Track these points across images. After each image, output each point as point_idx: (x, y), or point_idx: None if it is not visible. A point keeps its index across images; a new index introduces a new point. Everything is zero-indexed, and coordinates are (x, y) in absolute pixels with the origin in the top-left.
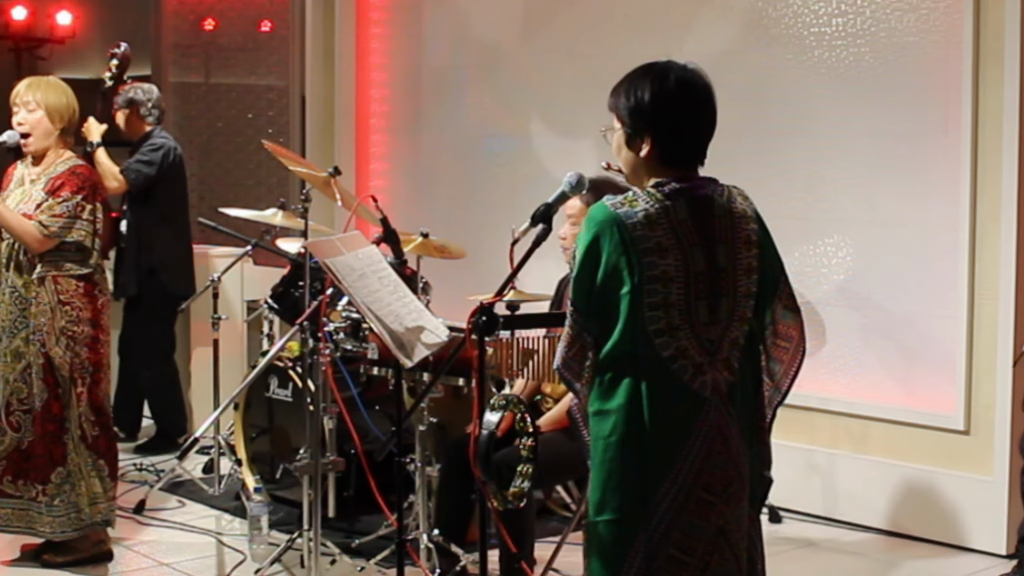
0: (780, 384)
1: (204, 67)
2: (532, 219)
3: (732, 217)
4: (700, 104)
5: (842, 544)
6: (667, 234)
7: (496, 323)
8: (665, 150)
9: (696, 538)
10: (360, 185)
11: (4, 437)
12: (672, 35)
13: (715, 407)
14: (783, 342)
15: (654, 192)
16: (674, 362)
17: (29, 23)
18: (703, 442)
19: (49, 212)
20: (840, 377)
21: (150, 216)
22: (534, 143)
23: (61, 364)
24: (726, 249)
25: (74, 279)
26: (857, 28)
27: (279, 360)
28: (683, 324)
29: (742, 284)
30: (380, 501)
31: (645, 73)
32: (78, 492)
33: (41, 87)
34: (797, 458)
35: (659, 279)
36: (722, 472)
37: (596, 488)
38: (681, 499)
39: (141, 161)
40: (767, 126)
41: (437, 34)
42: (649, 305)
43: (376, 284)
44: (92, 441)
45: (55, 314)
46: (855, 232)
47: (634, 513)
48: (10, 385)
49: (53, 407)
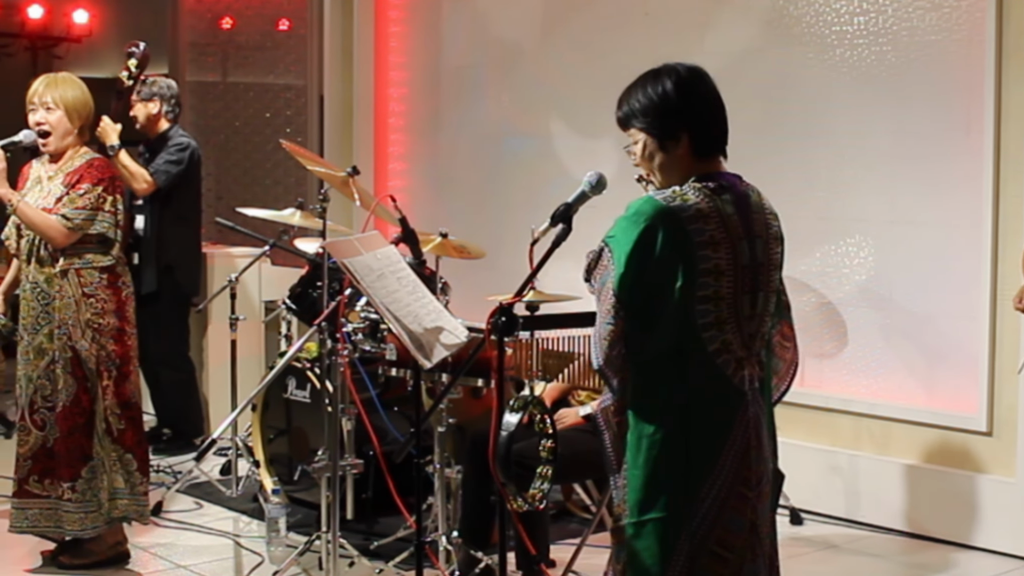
0: (780, 383)
1: (222, 66)
2: (552, 219)
3: (764, 213)
4: (715, 91)
5: (864, 546)
6: (718, 227)
7: (515, 324)
8: (700, 141)
9: (735, 534)
10: (379, 185)
11: (29, 436)
12: (692, 34)
13: (752, 401)
14: (787, 342)
15: (700, 187)
16: (718, 356)
17: (45, 22)
18: (743, 437)
19: (71, 205)
20: (862, 378)
21: (169, 214)
22: (554, 142)
23: (87, 357)
24: (762, 244)
25: (97, 271)
26: (879, 26)
27: (297, 361)
28: (730, 318)
29: (773, 279)
30: (399, 503)
31: (656, 75)
32: (101, 486)
33: (59, 85)
34: (819, 459)
35: (711, 272)
36: (757, 467)
37: (638, 487)
38: (723, 495)
39: (170, 162)
40: (788, 125)
41: (456, 33)
42: (700, 299)
43: (395, 284)
44: (118, 435)
45: (79, 307)
46: (877, 232)
47: (679, 511)
48: (34, 383)
49: (83, 400)
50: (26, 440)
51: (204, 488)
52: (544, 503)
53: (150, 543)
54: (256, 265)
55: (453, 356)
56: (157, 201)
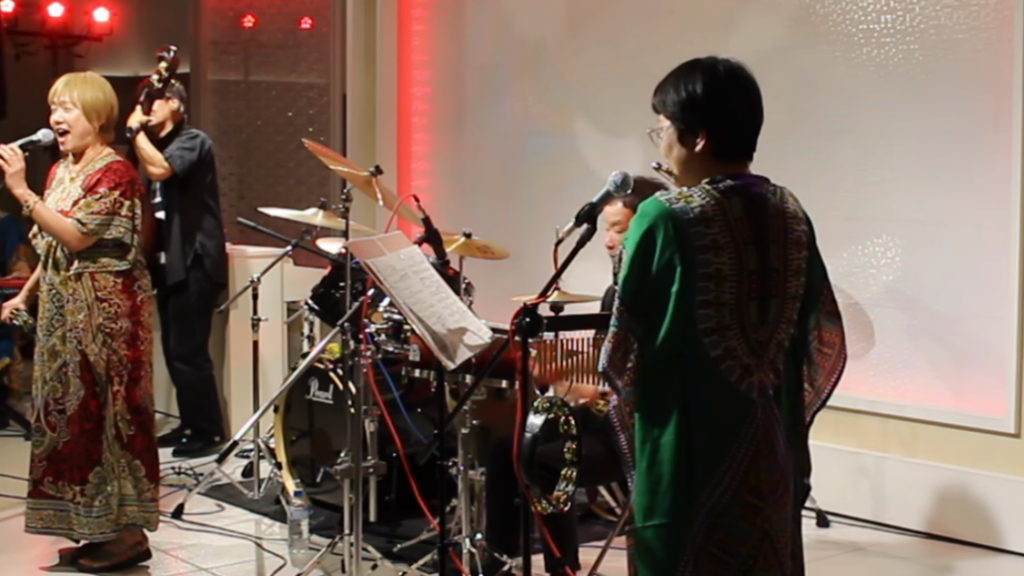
0: (821, 390)
1: (244, 65)
2: (576, 219)
3: (784, 217)
4: (751, 95)
5: (890, 548)
6: (722, 231)
7: (540, 325)
8: (720, 143)
9: (740, 541)
10: (402, 184)
11: (43, 438)
12: (717, 32)
13: (762, 409)
14: (827, 348)
15: (709, 188)
16: (722, 362)
17: (66, 20)
18: (750, 445)
19: (87, 209)
20: (889, 379)
21: (191, 204)
22: (578, 141)
23: (97, 362)
24: (778, 249)
25: (112, 275)
26: (906, 25)
27: (320, 362)
28: (733, 324)
29: (791, 286)
30: (422, 505)
31: (693, 68)
32: (111, 492)
33: (78, 85)
34: (845, 461)
35: (712, 277)
36: (768, 475)
37: (644, 492)
38: (726, 501)
39: (184, 148)
40: (815, 125)
41: (479, 31)
42: (700, 303)
43: (418, 285)
44: (127, 441)
45: (92, 311)
46: (904, 232)
47: (683, 516)
48: (48, 384)
49: (91, 405)
50: (41, 441)
51: (226, 490)
52: (569, 505)
53: (171, 545)
54: (278, 265)
55: (477, 357)
56: (175, 189)
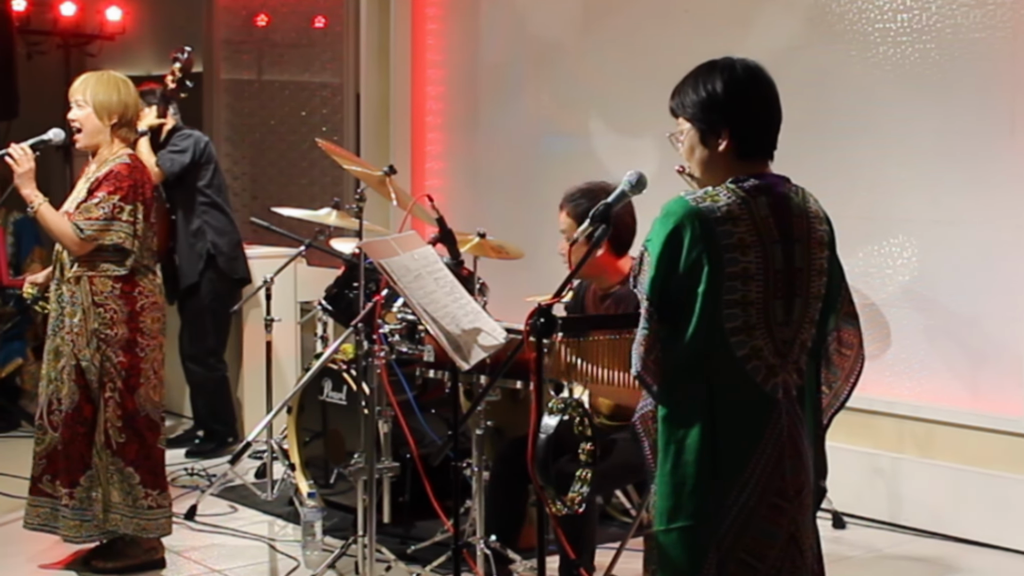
0: (839, 392)
1: (257, 64)
2: (591, 219)
3: (807, 216)
4: (770, 93)
5: (907, 550)
6: (749, 230)
7: (554, 325)
8: (742, 142)
9: (768, 544)
10: (416, 184)
11: (45, 436)
12: (733, 31)
13: (786, 410)
14: (846, 350)
15: (734, 188)
16: (747, 362)
17: (78, 19)
18: (775, 446)
19: (85, 215)
20: (905, 380)
21: (196, 204)
22: (593, 141)
23: (88, 367)
24: (802, 248)
25: (110, 279)
26: (923, 24)
27: (333, 363)
28: (760, 323)
29: (814, 285)
30: (436, 506)
31: (711, 68)
32: (95, 498)
33: (91, 84)
34: (861, 462)
35: (739, 276)
36: (793, 477)
37: (667, 495)
38: (753, 503)
39: (173, 151)
40: (830, 124)
41: (494, 30)
42: (727, 303)
43: (432, 285)
44: (118, 448)
45: (87, 316)
46: (920, 232)
47: (707, 519)
48: (52, 383)
49: (84, 409)
50: (42, 439)
51: (239, 491)
52: (583, 507)
53: (184, 547)
54: (292, 266)
55: (491, 358)
56: (179, 192)
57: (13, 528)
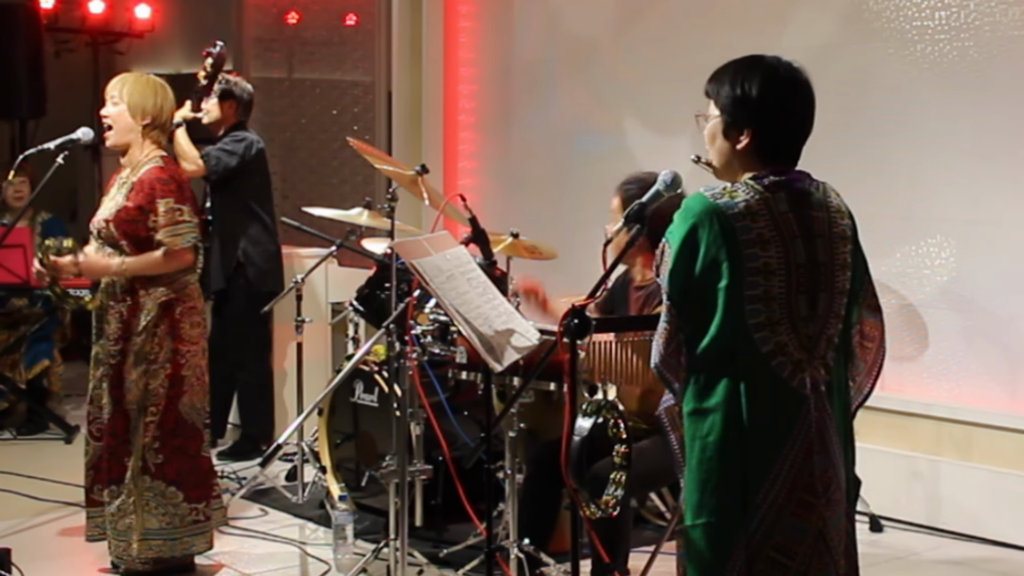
0: (863, 385)
1: (287, 62)
2: (625, 218)
3: (828, 211)
4: (805, 103)
5: (945, 554)
6: (768, 226)
7: (588, 326)
8: (764, 144)
9: (797, 541)
10: (448, 183)
11: (88, 447)
12: (770, 29)
13: (814, 406)
14: (867, 342)
15: (753, 184)
16: (773, 358)
17: (107, 17)
18: (803, 441)
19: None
20: (943, 382)
21: (234, 209)
22: (628, 140)
23: (130, 387)
24: (824, 243)
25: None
26: (961, 22)
27: (365, 364)
28: (783, 319)
29: (839, 280)
30: (469, 509)
31: (753, 65)
32: (131, 525)
33: (128, 83)
34: (899, 465)
35: (760, 271)
36: (822, 473)
37: (693, 491)
38: (781, 500)
39: (223, 150)
40: (868, 123)
41: (527, 27)
42: (749, 298)
43: (465, 286)
44: (156, 470)
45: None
46: (958, 232)
47: (733, 516)
48: (93, 391)
49: (119, 425)
50: (87, 451)
51: (270, 494)
52: (618, 510)
53: (214, 551)
54: (323, 266)
55: (524, 359)
56: (220, 195)
57: (43, 530)
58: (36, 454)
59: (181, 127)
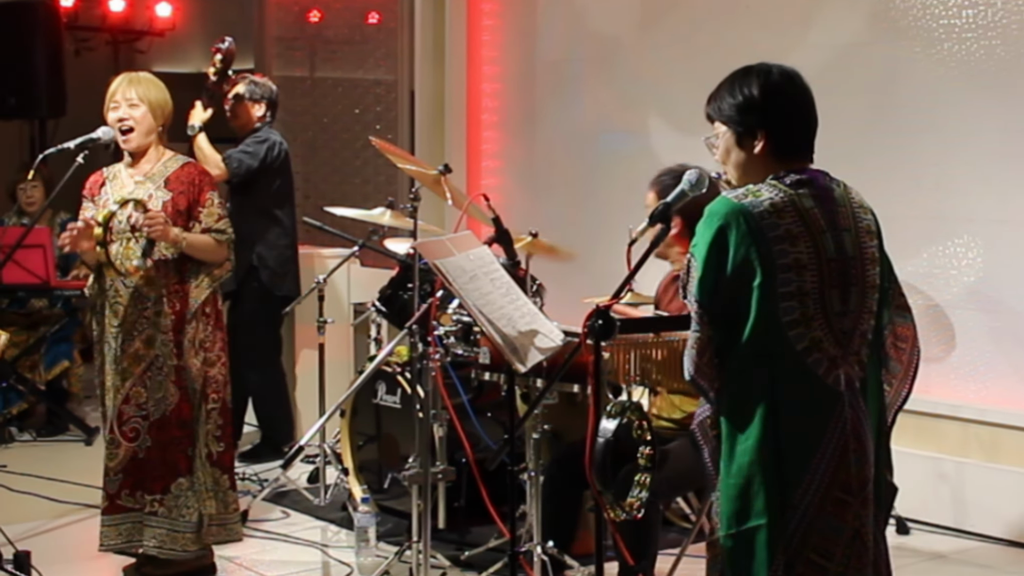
0: (901, 387)
1: (309, 61)
2: (650, 218)
3: (851, 206)
4: (805, 97)
5: (972, 557)
6: (796, 222)
7: (613, 327)
8: (780, 142)
9: (834, 540)
10: (471, 183)
11: (118, 450)
12: (795, 28)
13: (849, 403)
14: (901, 343)
15: (775, 183)
16: (809, 355)
17: (127, 15)
18: (839, 439)
19: (214, 220)
20: (970, 383)
21: (251, 210)
22: (652, 139)
23: (197, 376)
24: (851, 237)
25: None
26: (988, 20)
27: (387, 365)
28: (817, 314)
29: (869, 274)
30: (492, 512)
31: (746, 73)
32: (197, 510)
33: (142, 83)
34: (925, 467)
35: (792, 267)
36: (858, 471)
37: (733, 497)
38: (819, 499)
39: (244, 151)
40: (894, 122)
41: (551, 26)
42: (783, 295)
43: (488, 286)
44: (217, 458)
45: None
46: (986, 232)
47: (772, 520)
48: (124, 391)
49: (184, 412)
50: (115, 454)
51: (291, 496)
52: (642, 512)
53: (235, 553)
54: (345, 266)
55: (548, 360)
56: (238, 196)
57: (63, 533)
58: (56, 456)
59: (202, 133)
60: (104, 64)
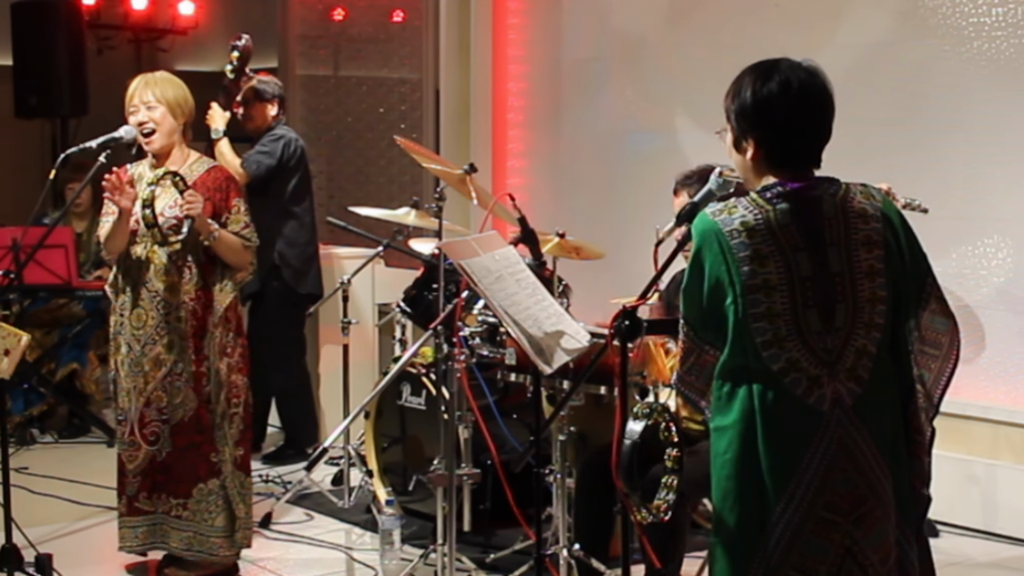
0: (931, 394)
1: (333, 59)
2: (677, 218)
3: (847, 217)
4: (804, 105)
5: (1002, 559)
6: (765, 240)
7: (639, 328)
8: (770, 152)
9: (818, 559)
10: (497, 183)
11: (138, 452)
12: (823, 25)
13: (837, 422)
14: (931, 349)
15: (755, 197)
16: (785, 375)
17: (150, 13)
18: (822, 458)
19: (240, 227)
20: (1000, 384)
21: (270, 209)
22: (679, 138)
23: (218, 381)
24: (838, 252)
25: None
26: (1018, 18)
27: (412, 366)
28: (791, 335)
29: (864, 288)
30: (517, 514)
31: (751, 72)
32: (226, 516)
33: (159, 83)
34: (955, 469)
35: (760, 288)
36: (848, 490)
37: (716, 508)
38: (799, 518)
39: (261, 152)
40: (923, 121)
41: (577, 24)
42: (753, 316)
43: (514, 287)
44: (240, 461)
45: (214, 328)
46: (1016, 232)
47: (751, 533)
48: (145, 394)
49: (203, 418)
50: (135, 456)
51: (315, 499)
52: (669, 514)
53: (259, 556)
54: (369, 267)
55: (574, 362)
56: (256, 196)
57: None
58: (78, 458)
59: (224, 138)
60: (126, 63)
